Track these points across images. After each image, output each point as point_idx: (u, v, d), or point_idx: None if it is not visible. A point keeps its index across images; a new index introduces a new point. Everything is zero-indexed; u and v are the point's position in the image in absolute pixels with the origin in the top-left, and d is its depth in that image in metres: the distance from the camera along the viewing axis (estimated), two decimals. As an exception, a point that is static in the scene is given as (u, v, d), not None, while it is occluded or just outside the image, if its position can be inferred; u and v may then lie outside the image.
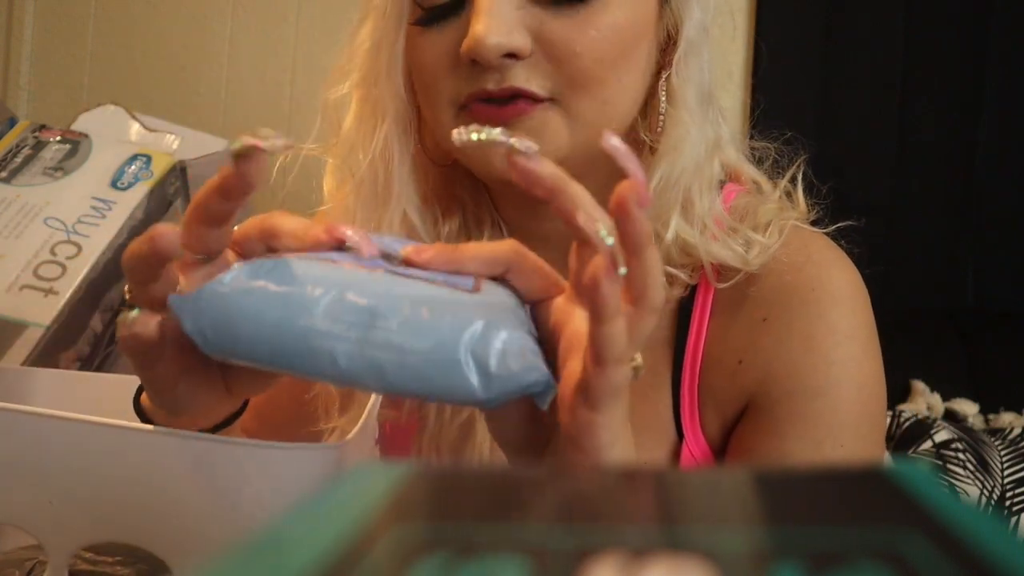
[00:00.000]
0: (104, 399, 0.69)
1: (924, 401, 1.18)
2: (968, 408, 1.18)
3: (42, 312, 0.93)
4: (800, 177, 0.61)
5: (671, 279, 0.57)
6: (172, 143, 1.17)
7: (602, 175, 0.56)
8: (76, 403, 0.68)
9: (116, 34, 1.50)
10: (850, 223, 0.60)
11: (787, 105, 1.38)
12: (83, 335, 1.02)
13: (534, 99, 0.50)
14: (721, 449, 0.57)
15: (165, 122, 1.23)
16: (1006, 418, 1.16)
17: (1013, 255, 1.35)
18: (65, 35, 1.51)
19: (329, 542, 0.14)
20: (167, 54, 1.48)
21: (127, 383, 0.71)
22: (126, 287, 0.38)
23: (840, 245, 0.61)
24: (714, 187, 0.57)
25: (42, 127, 1.13)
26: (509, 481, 0.19)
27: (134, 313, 0.35)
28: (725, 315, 0.57)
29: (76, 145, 1.10)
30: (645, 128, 0.56)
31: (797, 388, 0.53)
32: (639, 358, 0.34)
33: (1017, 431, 1.12)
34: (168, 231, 0.33)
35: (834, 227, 0.60)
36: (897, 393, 1.21)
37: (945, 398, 1.19)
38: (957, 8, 1.36)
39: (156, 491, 0.41)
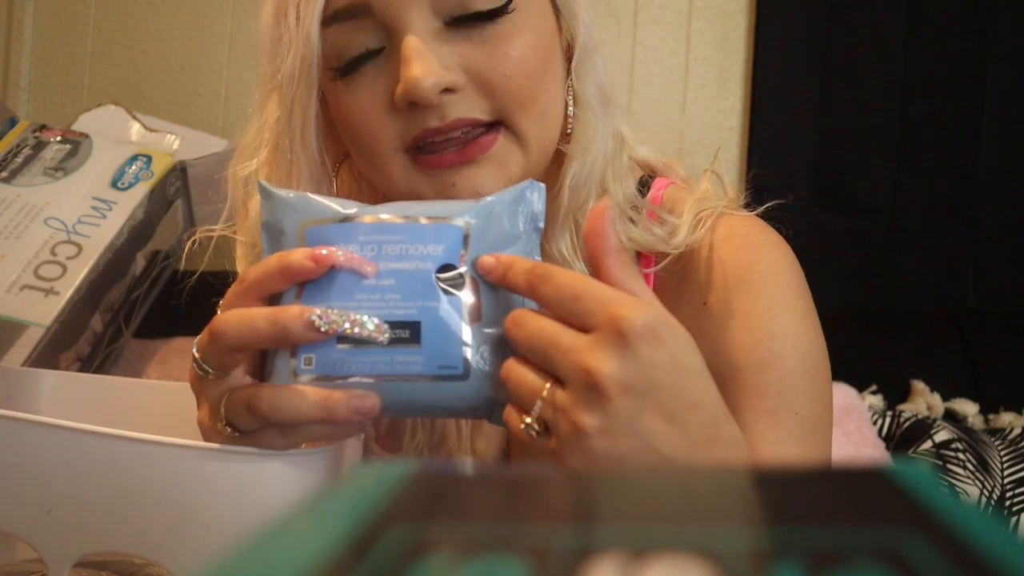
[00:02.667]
0: (106, 401, 0.68)
1: (924, 401, 1.18)
2: (968, 408, 1.18)
3: (42, 312, 0.93)
4: (722, 165, 0.64)
5: None
6: (172, 143, 1.17)
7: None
8: (79, 404, 0.68)
9: (116, 34, 1.50)
10: (780, 201, 0.62)
11: (787, 105, 1.38)
12: (83, 335, 1.02)
13: (480, 125, 0.52)
14: None
15: (165, 122, 1.23)
16: (1006, 418, 1.16)
17: (1013, 255, 1.35)
18: (65, 35, 1.51)
19: (329, 542, 0.14)
20: (167, 54, 1.48)
21: (129, 385, 0.71)
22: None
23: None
24: (627, 176, 0.61)
25: (42, 127, 1.13)
26: (509, 481, 0.19)
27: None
28: (666, 303, 0.59)
29: (76, 145, 1.10)
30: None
31: (744, 364, 0.55)
32: (527, 419, 0.39)
33: (1017, 431, 1.12)
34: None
35: (762, 208, 0.62)
36: (897, 393, 1.21)
37: (945, 398, 1.19)
38: (958, 8, 1.36)
39: (155, 500, 0.41)
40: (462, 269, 0.42)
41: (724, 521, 0.16)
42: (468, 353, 0.41)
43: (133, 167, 1.08)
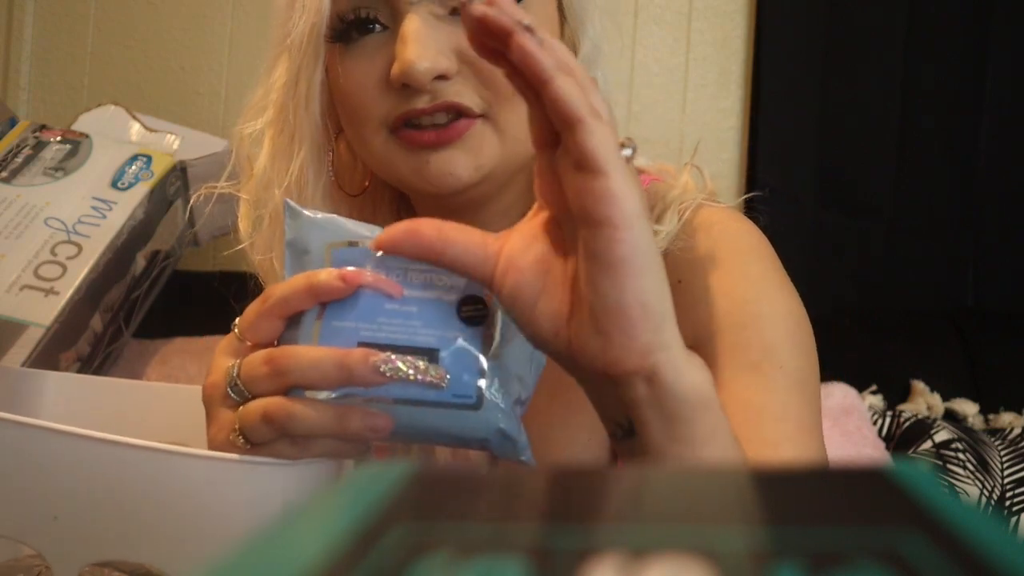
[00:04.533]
0: (109, 403, 0.68)
1: (924, 401, 1.18)
2: (968, 408, 1.18)
3: (42, 312, 0.93)
4: (702, 158, 0.65)
5: None
6: (172, 143, 1.17)
7: (522, 183, 0.61)
8: (81, 406, 0.68)
9: (116, 34, 1.50)
10: (757, 193, 0.64)
11: (787, 105, 1.38)
12: (83, 335, 1.02)
13: (468, 114, 0.53)
14: None
15: (165, 122, 1.23)
16: (1006, 418, 1.16)
17: (1013, 255, 1.35)
18: (65, 35, 1.50)
19: (329, 542, 0.14)
20: (167, 54, 1.48)
21: (132, 387, 0.71)
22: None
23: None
24: None
25: (42, 127, 1.13)
26: (509, 481, 0.19)
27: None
28: None
29: (76, 145, 1.10)
30: None
31: (723, 326, 0.56)
32: (630, 141, 0.37)
33: (1017, 431, 1.12)
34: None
35: (742, 198, 0.64)
36: (897, 393, 1.21)
37: (945, 398, 1.19)
38: (958, 8, 1.36)
39: (166, 509, 0.41)
40: (485, 301, 0.43)
41: (724, 521, 0.16)
42: (483, 384, 0.42)
43: (133, 167, 1.08)
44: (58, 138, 1.11)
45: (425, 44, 0.51)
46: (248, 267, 0.66)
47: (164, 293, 1.19)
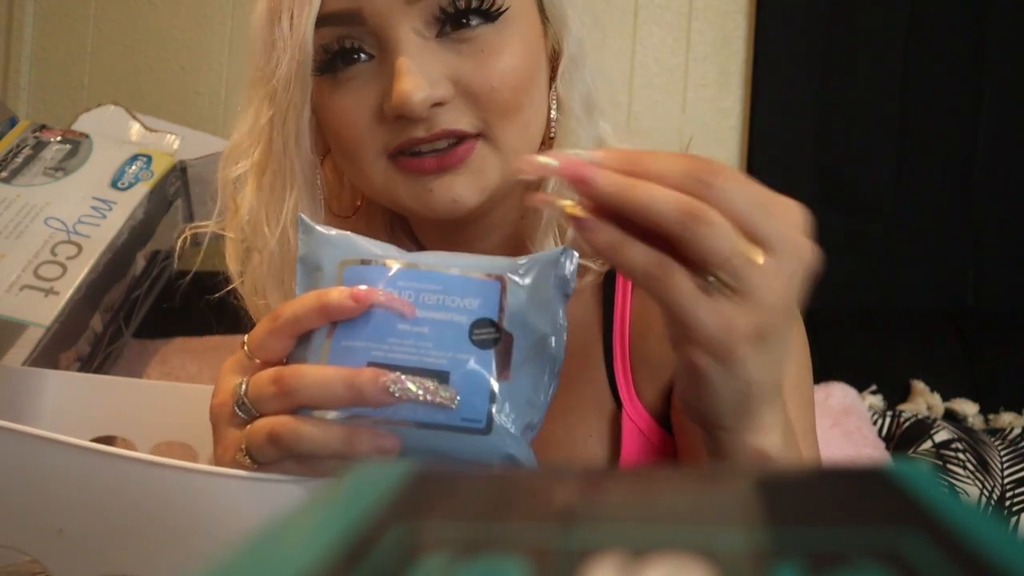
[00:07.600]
0: (110, 402, 0.68)
1: (924, 401, 1.18)
2: (968, 408, 1.18)
3: (42, 312, 0.93)
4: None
5: (584, 270, 0.60)
6: (172, 143, 1.17)
7: (516, 195, 0.60)
8: (82, 406, 0.68)
9: (116, 34, 1.50)
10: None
11: (787, 105, 1.38)
12: (83, 335, 1.02)
13: (465, 136, 0.53)
14: (660, 413, 0.60)
15: (165, 122, 1.23)
16: (1006, 418, 1.16)
17: (1013, 255, 1.35)
18: (65, 35, 1.50)
19: (329, 542, 0.14)
20: (167, 54, 1.48)
21: (132, 386, 0.71)
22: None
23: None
24: None
25: (42, 127, 1.13)
26: (509, 481, 0.19)
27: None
28: (640, 294, 0.61)
29: (76, 145, 1.10)
30: None
31: None
32: (719, 273, 0.36)
33: (1017, 431, 1.12)
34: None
35: None
36: (897, 393, 1.21)
37: (945, 398, 1.19)
38: (958, 8, 1.36)
39: (169, 524, 0.40)
40: (498, 325, 0.42)
41: (724, 521, 0.16)
42: (493, 409, 0.41)
43: (133, 167, 1.08)
44: (58, 138, 1.11)
45: (419, 74, 0.51)
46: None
47: (164, 293, 1.19)
